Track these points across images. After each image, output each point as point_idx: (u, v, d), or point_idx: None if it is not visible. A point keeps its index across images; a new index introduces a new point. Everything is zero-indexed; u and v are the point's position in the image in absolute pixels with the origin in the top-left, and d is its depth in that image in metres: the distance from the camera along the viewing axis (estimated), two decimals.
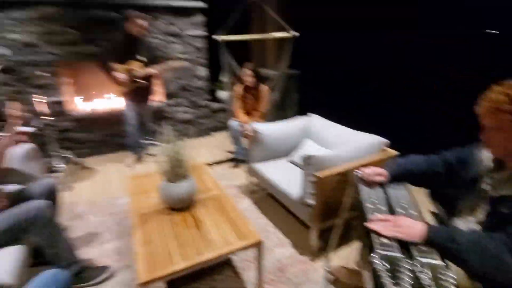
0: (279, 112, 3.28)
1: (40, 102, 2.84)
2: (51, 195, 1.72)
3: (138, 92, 3.12)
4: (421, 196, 1.36)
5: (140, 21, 2.89)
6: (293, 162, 2.46)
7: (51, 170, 3.02)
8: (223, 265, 1.91)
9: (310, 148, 2.40)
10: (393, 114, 2.98)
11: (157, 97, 3.86)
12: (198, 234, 1.59)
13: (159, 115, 3.90)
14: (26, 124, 2.62)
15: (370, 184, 1.31)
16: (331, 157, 1.88)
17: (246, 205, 2.58)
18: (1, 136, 1.56)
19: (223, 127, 4.54)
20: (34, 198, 1.66)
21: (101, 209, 2.53)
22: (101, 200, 2.68)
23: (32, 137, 2.76)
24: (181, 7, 3.59)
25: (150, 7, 3.43)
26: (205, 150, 3.78)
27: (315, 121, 2.64)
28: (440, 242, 0.95)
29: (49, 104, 3.06)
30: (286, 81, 3.23)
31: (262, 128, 2.43)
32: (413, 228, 1.00)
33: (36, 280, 1.14)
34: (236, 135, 3.12)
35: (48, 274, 1.18)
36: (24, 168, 2.00)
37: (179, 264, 1.39)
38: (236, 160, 3.31)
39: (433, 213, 1.32)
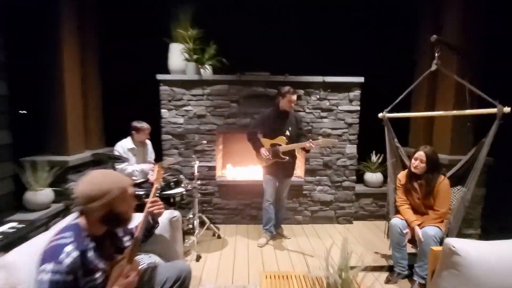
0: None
1: (195, 166, 2.99)
2: (180, 284, 1.43)
3: (279, 167, 2.91)
4: None
5: (293, 97, 2.78)
6: None
7: (187, 232, 3.01)
8: None
9: None
10: None
11: (297, 173, 3.57)
12: None
13: (297, 192, 3.55)
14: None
15: None
16: None
17: None
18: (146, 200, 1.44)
19: (367, 216, 3.73)
20: (162, 282, 1.43)
21: None
22: (227, 286, 2.34)
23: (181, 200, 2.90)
24: (338, 82, 3.41)
25: (306, 83, 3.40)
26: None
27: None
28: None
29: (200, 168, 3.23)
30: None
31: (463, 246, 1.55)
32: None
33: None
34: (399, 239, 2.29)
35: None
36: (166, 237, 1.90)
37: None
38: (394, 271, 2.40)
39: None
